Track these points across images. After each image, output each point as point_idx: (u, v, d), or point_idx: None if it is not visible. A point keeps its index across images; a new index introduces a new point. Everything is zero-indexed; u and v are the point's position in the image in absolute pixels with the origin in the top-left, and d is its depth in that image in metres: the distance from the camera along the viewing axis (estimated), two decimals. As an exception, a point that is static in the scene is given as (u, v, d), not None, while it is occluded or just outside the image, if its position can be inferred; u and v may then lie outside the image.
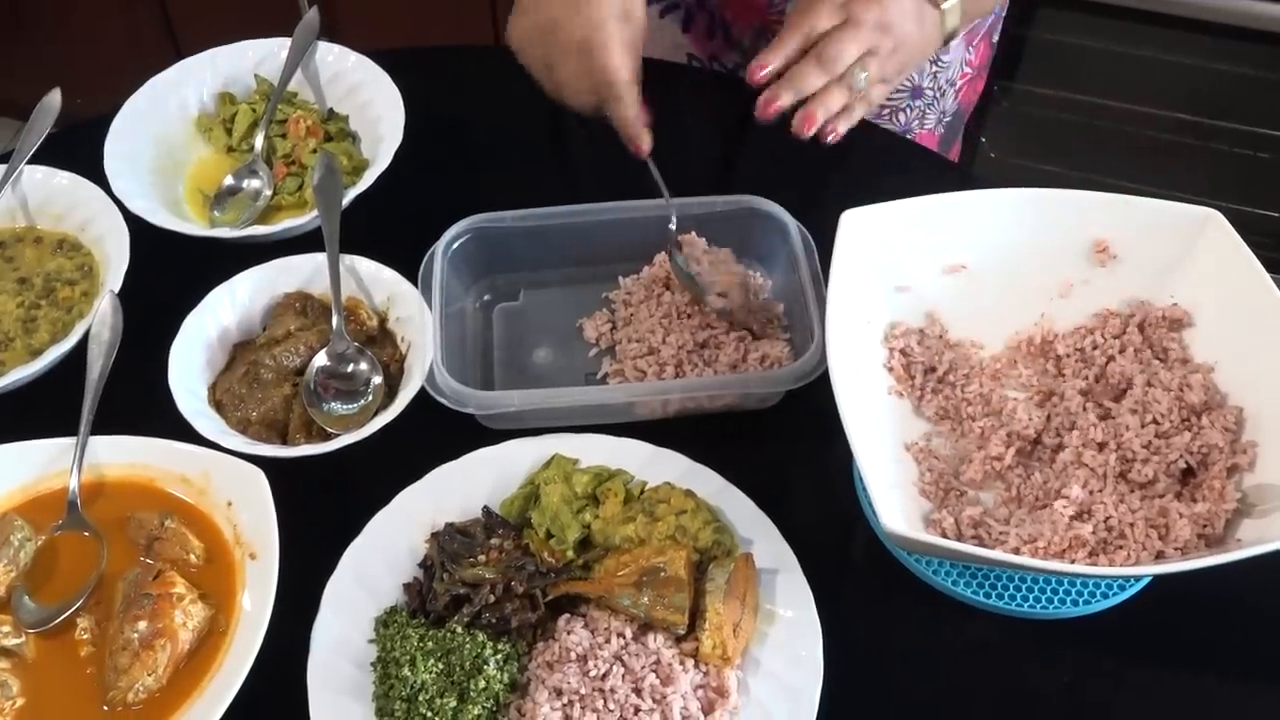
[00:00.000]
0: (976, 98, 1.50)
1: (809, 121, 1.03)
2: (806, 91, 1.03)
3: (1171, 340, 1.03)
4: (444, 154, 1.10)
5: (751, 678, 0.92)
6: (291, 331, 1.09)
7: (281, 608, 0.91)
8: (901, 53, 1.06)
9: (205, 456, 0.99)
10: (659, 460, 1.02)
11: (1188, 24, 1.98)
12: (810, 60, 1.02)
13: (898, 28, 1.04)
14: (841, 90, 1.03)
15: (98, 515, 0.98)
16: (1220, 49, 2.02)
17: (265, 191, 1.22)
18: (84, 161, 1.18)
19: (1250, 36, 1.96)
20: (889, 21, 1.03)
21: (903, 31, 1.05)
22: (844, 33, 1.02)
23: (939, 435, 1.04)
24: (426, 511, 1.00)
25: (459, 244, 1.12)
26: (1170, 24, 1.99)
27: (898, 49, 1.05)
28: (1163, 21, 1.98)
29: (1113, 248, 1.06)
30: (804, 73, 1.02)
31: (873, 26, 1.03)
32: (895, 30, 1.04)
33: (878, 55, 1.04)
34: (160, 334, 1.06)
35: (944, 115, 1.43)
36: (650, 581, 0.93)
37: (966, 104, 1.47)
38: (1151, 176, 2.09)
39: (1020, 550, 0.92)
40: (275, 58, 1.30)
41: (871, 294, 1.05)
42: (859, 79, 1.03)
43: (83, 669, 0.92)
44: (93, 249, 1.16)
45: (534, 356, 1.14)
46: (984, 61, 1.44)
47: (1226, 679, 0.95)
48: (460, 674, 0.89)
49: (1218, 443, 0.95)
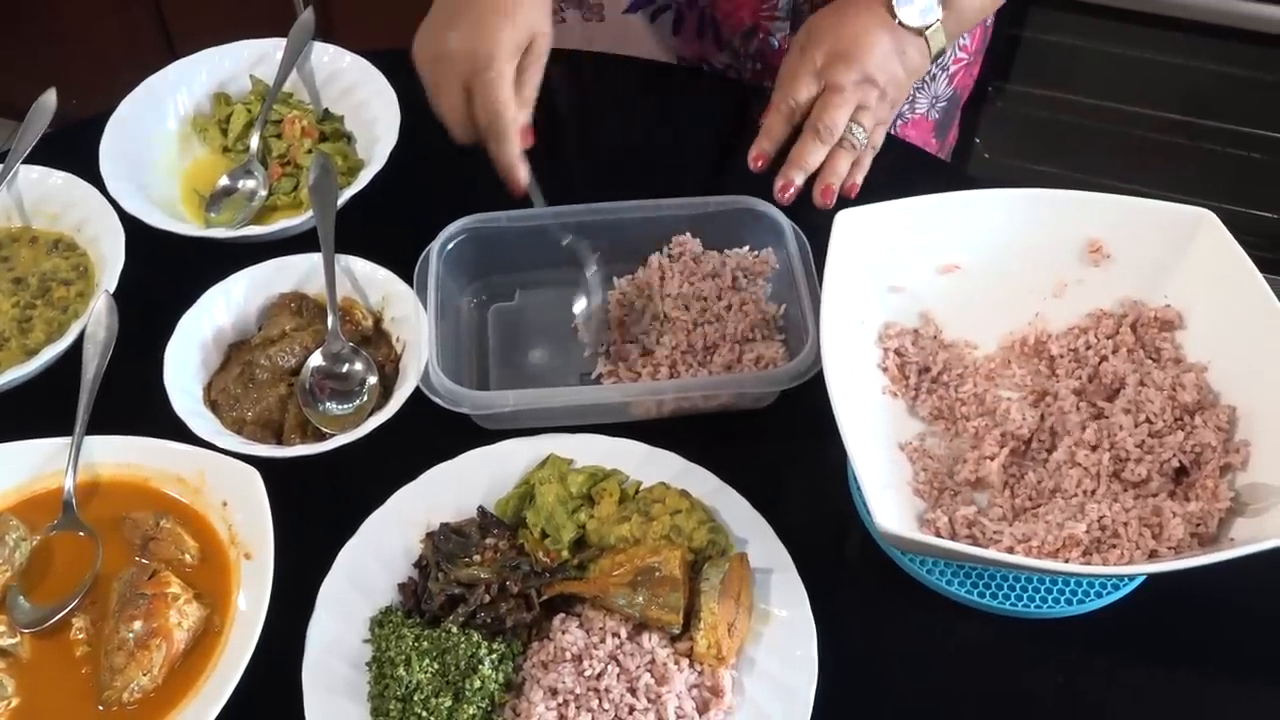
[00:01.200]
0: (972, 83, 1.49)
1: (827, 194, 1.06)
2: (813, 167, 1.05)
3: (1164, 340, 1.03)
4: (440, 154, 1.10)
5: (746, 677, 0.92)
6: (287, 331, 1.09)
7: (277, 607, 0.91)
8: (892, 92, 1.07)
9: (200, 456, 0.99)
10: (654, 460, 1.02)
11: (1181, 24, 1.98)
12: (806, 137, 1.04)
13: (880, 74, 1.05)
14: (846, 153, 1.05)
15: (93, 515, 0.98)
16: (1213, 49, 2.02)
17: (260, 192, 1.22)
18: (79, 161, 1.19)
19: (1243, 37, 1.96)
20: (869, 74, 1.04)
21: (887, 75, 1.06)
22: (829, 100, 1.04)
23: (933, 435, 1.04)
24: (421, 511, 1.00)
25: (454, 244, 1.12)
26: (1163, 24, 1.99)
27: (886, 92, 1.06)
28: (1156, 22, 1.99)
29: (1106, 247, 1.06)
30: (804, 151, 1.04)
31: (855, 85, 1.04)
32: (879, 78, 1.05)
33: (869, 107, 1.05)
34: (155, 334, 1.06)
35: (936, 100, 1.42)
36: (645, 581, 0.93)
37: (962, 88, 1.46)
38: (1145, 176, 2.09)
39: (1014, 550, 0.92)
40: (270, 58, 1.30)
41: (866, 294, 1.06)
42: (858, 137, 1.05)
43: (78, 669, 0.92)
44: (88, 249, 1.16)
45: (529, 356, 1.14)
46: (979, 46, 1.43)
47: (1220, 678, 0.95)
48: (455, 674, 0.89)
49: (1211, 442, 0.95)
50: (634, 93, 1.39)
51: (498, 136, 1.04)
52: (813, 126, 1.04)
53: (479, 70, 1.02)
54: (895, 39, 1.06)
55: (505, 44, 1.03)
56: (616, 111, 1.39)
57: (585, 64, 1.37)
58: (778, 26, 1.35)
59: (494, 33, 1.02)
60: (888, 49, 1.05)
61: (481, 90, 1.03)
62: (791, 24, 1.35)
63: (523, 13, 1.05)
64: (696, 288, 1.15)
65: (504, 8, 1.04)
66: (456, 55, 1.03)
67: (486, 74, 1.02)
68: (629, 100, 1.39)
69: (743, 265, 1.17)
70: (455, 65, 1.04)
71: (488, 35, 1.02)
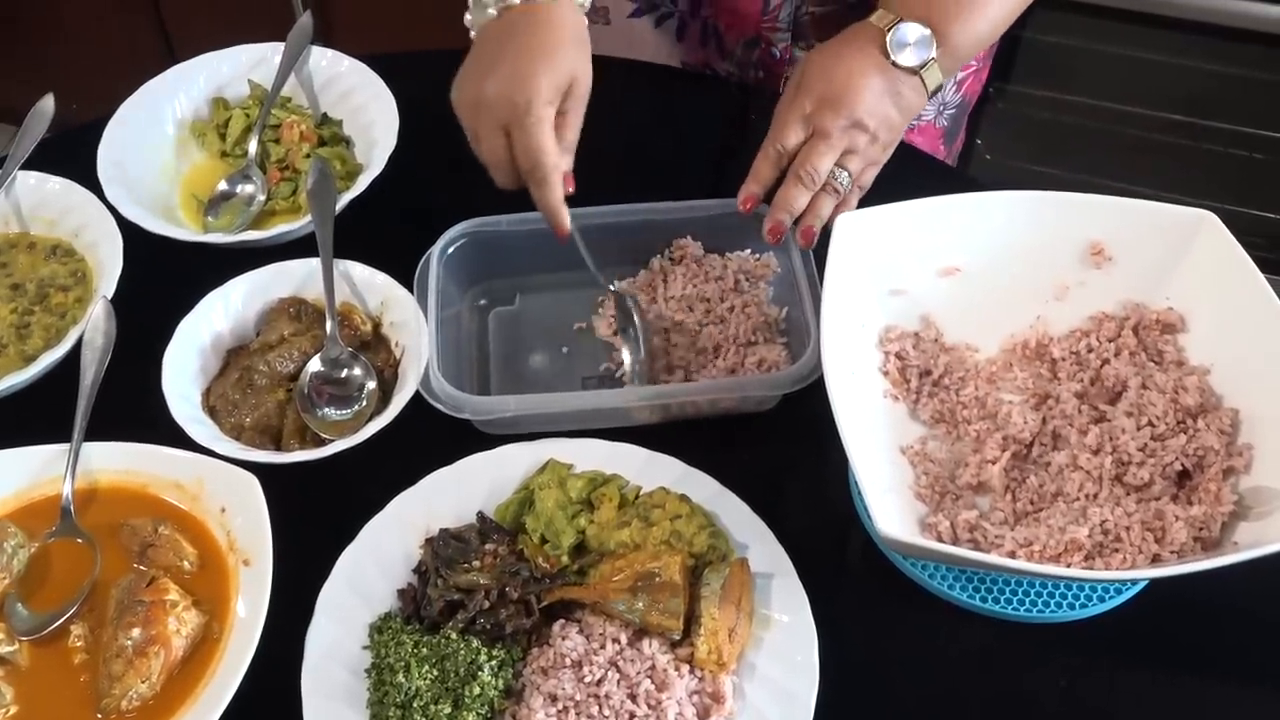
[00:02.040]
0: (980, 89, 1.48)
1: (807, 235, 1.07)
2: (798, 211, 1.05)
3: (1166, 343, 1.03)
4: (439, 158, 1.10)
5: (747, 683, 0.91)
6: (285, 337, 1.09)
7: (276, 614, 0.91)
8: (884, 135, 1.06)
9: (198, 463, 0.99)
10: (654, 465, 1.02)
11: (1182, 24, 1.97)
12: (790, 182, 1.05)
13: (871, 118, 1.04)
14: (829, 197, 1.05)
15: (91, 522, 0.98)
16: (1215, 49, 2.02)
17: (259, 197, 1.22)
18: (77, 167, 1.18)
19: (1245, 37, 1.96)
20: (858, 119, 1.03)
21: (878, 119, 1.04)
22: (815, 147, 1.04)
23: (934, 439, 1.03)
24: (421, 517, 1.00)
25: (455, 248, 1.12)
26: (1165, 25, 1.98)
27: (877, 135, 1.05)
28: (1158, 22, 1.98)
29: (1108, 250, 1.06)
30: (789, 195, 1.05)
31: (842, 131, 1.03)
32: (869, 122, 1.04)
33: (857, 151, 1.05)
34: (154, 340, 1.05)
35: (945, 107, 1.42)
36: (645, 587, 0.92)
37: (970, 95, 1.46)
38: (1147, 177, 2.09)
39: (1016, 554, 0.92)
40: (269, 62, 1.30)
41: (867, 297, 1.05)
42: (842, 181, 1.05)
43: (76, 676, 0.91)
44: (86, 255, 1.16)
45: (530, 361, 1.14)
46: (988, 53, 1.43)
47: (1224, 683, 0.94)
48: (455, 680, 0.89)
49: (1213, 445, 0.95)
50: (635, 96, 1.38)
51: (539, 183, 1.03)
52: (795, 173, 1.04)
53: (519, 117, 1.00)
54: (888, 80, 1.04)
55: (544, 90, 1.01)
56: (617, 114, 1.38)
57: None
58: (779, 37, 1.35)
59: (532, 79, 1.01)
60: (879, 91, 1.04)
61: (521, 137, 1.01)
62: (793, 34, 1.34)
63: (561, 56, 1.03)
64: (699, 289, 1.15)
65: (543, 52, 1.02)
66: (496, 102, 1.01)
67: (526, 120, 1.00)
68: (631, 103, 1.38)
69: (744, 268, 1.17)
70: (495, 112, 1.02)
71: (526, 81, 1.01)
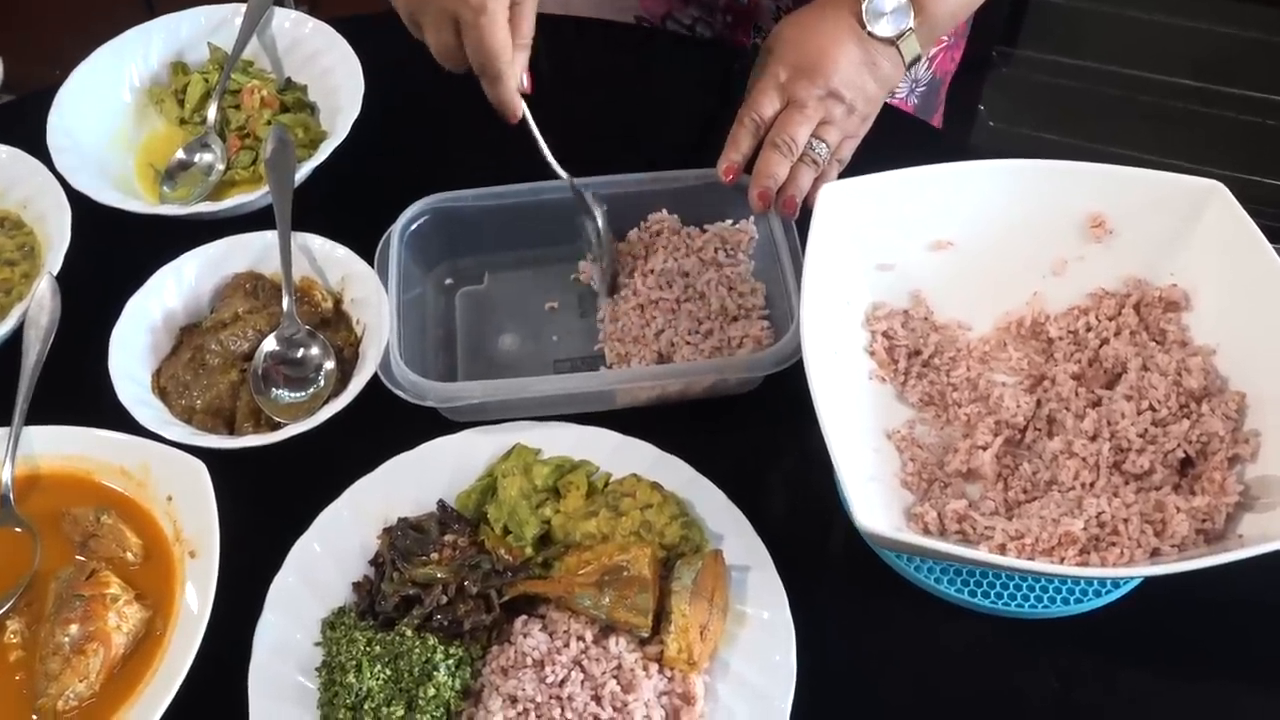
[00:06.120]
0: (954, 66, 1.45)
1: (789, 205, 1.04)
2: (781, 178, 1.03)
3: (1169, 321, 0.98)
4: (405, 127, 1.05)
5: (720, 683, 0.87)
6: (240, 314, 1.04)
7: (223, 608, 0.87)
8: (861, 106, 1.05)
9: (145, 448, 0.94)
10: (626, 450, 0.97)
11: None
12: (768, 150, 1.03)
13: (847, 89, 1.03)
14: (808, 168, 1.04)
15: (31, 510, 0.94)
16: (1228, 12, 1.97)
17: (218, 166, 1.17)
18: (26, 135, 1.13)
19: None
20: (833, 89, 1.03)
21: (854, 90, 1.04)
22: (790, 117, 1.03)
23: (923, 422, 0.98)
24: (379, 505, 0.95)
25: (417, 225, 1.07)
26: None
27: (854, 106, 1.04)
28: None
29: (1109, 222, 1.00)
30: (769, 163, 1.03)
31: (817, 101, 1.03)
32: (844, 93, 1.03)
33: (833, 122, 1.04)
34: (103, 318, 1.01)
35: (916, 85, 1.38)
36: (612, 581, 0.88)
37: (943, 72, 1.42)
38: (1155, 144, 2.05)
39: (1007, 547, 0.87)
40: (230, 24, 1.24)
41: (852, 273, 1.00)
42: (819, 153, 1.03)
43: (11, 674, 0.87)
44: (34, 228, 1.11)
45: (499, 343, 1.08)
46: (962, 29, 1.39)
47: (1220, 679, 0.91)
48: (409, 680, 0.84)
49: (1218, 431, 0.90)
50: (596, 60, 1.32)
51: (493, 80, 0.99)
52: (772, 141, 1.03)
53: (471, 14, 0.95)
54: (865, 50, 1.04)
55: None
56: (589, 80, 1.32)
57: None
58: None
59: None
60: (856, 61, 1.03)
61: (474, 35, 0.96)
62: None
63: None
64: (679, 264, 1.10)
65: None
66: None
67: (480, 19, 0.95)
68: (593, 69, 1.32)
69: (723, 236, 1.11)
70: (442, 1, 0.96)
71: None
